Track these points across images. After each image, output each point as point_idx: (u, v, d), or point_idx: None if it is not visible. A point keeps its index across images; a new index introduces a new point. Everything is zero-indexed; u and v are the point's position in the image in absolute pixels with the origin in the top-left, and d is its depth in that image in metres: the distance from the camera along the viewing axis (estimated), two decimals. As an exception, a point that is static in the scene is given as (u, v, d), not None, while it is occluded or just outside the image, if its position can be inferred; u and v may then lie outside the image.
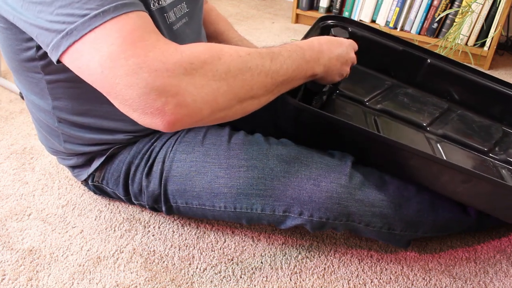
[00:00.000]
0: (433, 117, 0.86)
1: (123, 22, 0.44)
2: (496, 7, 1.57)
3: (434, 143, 0.81)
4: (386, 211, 0.68)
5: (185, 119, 0.46)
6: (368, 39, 0.91)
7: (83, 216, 0.84)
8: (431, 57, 0.90)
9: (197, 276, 0.73)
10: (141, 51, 0.43)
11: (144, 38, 0.44)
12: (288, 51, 0.58)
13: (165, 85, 0.43)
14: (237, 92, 0.49)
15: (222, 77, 0.47)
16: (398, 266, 0.76)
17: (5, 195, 0.88)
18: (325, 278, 0.73)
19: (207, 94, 0.46)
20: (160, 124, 0.45)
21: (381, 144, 0.65)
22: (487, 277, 0.75)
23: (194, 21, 0.73)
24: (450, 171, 0.63)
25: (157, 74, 0.43)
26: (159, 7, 0.62)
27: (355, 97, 0.87)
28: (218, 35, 0.90)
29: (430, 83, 0.93)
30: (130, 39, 0.43)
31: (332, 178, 0.67)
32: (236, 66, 0.49)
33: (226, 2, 2.25)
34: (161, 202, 0.74)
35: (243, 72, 0.49)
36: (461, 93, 0.91)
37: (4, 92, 1.26)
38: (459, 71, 0.89)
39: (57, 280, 0.71)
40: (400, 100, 0.89)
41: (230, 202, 0.70)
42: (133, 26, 0.44)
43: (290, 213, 0.69)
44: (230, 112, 0.52)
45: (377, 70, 0.95)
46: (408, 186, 0.71)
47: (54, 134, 0.74)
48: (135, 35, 0.44)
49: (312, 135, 0.72)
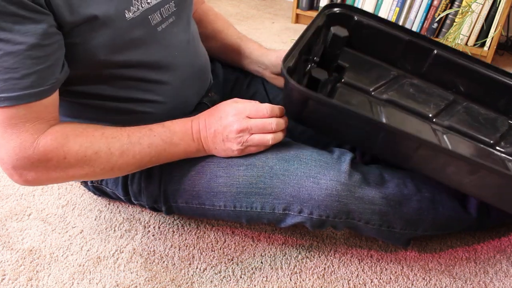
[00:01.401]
0: (439, 109, 0.85)
1: (2, 111, 0.53)
2: (496, 7, 1.57)
3: (441, 134, 0.81)
4: (385, 209, 0.68)
5: (28, 185, 0.61)
6: (374, 28, 0.89)
7: (83, 216, 0.84)
8: (438, 48, 0.88)
9: (197, 276, 0.73)
10: (7, 136, 0.54)
11: (16, 127, 0.54)
12: (152, 136, 0.63)
13: (13, 168, 0.56)
14: (77, 178, 0.62)
15: (63, 171, 0.59)
16: (398, 266, 0.76)
17: (5, 195, 0.88)
18: (325, 278, 0.73)
19: (47, 179, 0.59)
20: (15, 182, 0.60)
21: (388, 133, 0.64)
22: (487, 277, 0.75)
23: (182, 20, 0.73)
24: (457, 162, 0.61)
25: (10, 160, 0.55)
26: (142, 10, 0.62)
27: (361, 87, 0.86)
28: (216, 34, 0.90)
29: (436, 74, 0.91)
30: (5, 124, 0.54)
31: (331, 175, 0.67)
32: (78, 164, 0.59)
33: (226, 2, 2.25)
34: (161, 202, 0.74)
35: (84, 168, 0.59)
36: (468, 85, 0.89)
37: (4, 92, 1.26)
38: (466, 62, 0.87)
39: (57, 280, 0.71)
40: (405, 91, 0.88)
41: (229, 201, 0.70)
42: (10, 115, 0.53)
43: (290, 211, 0.69)
44: (76, 180, 0.65)
45: (383, 60, 0.94)
46: (408, 184, 0.71)
47: None
48: (8, 123, 0.54)
49: (318, 123, 0.70)
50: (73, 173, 0.60)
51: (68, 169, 0.59)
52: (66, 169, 0.59)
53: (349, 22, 0.87)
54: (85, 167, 0.59)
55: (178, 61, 0.71)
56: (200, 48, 0.81)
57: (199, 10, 0.90)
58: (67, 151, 0.57)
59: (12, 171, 0.57)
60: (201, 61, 0.79)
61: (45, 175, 0.58)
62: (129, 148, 0.61)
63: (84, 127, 0.61)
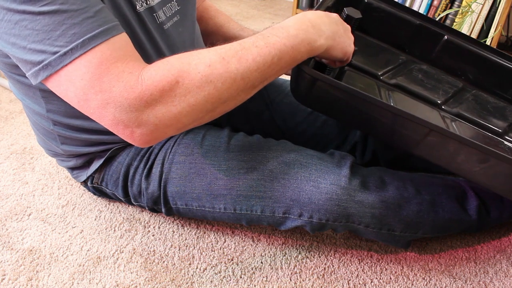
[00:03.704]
0: (448, 96, 0.84)
1: (90, 57, 0.48)
2: (496, 7, 1.57)
3: (449, 121, 0.79)
4: (385, 212, 0.68)
5: (153, 141, 0.52)
6: (384, 10, 0.87)
7: (83, 216, 0.84)
8: (448, 34, 0.86)
9: (197, 276, 0.73)
10: (107, 85, 0.48)
11: (110, 71, 0.48)
12: (266, 37, 0.55)
13: (129, 118, 0.49)
14: (201, 108, 0.52)
15: (182, 100, 0.50)
16: (398, 266, 0.76)
17: (5, 195, 0.88)
18: (325, 278, 0.73)
19: (169, 119, 0.50)
20: (133, 143, 0.52)
21: (398, 117, 0.61)
22: (487, 277, 0.75)
23: (187, 19, 0.73)
24: (468, 149, 0.59)
25: (122, 109, 0.48)
26: (147, 7, 0.62)
27: (369, 70, 0.84)
28: (218, 28, 0.89)
29: (445, 61, 0.89)
30: (98, 74, 0.48)
31: (331, 179, 0.67)
32: (195, 85, 0.50)
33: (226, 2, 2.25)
34: (161, 204, 0.74)
35: (204, 88, 0.50)
36: (477, 72, 0.87)
37: (4, 92, 1.26)
38: (477, 49, 0.86)
39: (57, 280, 0.71)
40: (414, 76, 0.86)
41: (229, 203, 0.70)
42: (100, 59, 0.48)
43: (290, 214, 0.69)
44: (203, 120, 0.54)
45: (391, 44, 0.92)
46: (408, 187, 0.71)
47: (51, 137, 0.74)
48: (101, 69, 0.48)
49: (325, 106, 0.68)
50: (194, 100, 0.50)
51: (187, 95, 0.50)
52: (185, 96, 0.50)
53: (359, 4, 0.85)
54: (205, 86, 0.50)
55: None
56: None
57: (200, 7, 0.90)
58: (176, 73, 0.49)
59: (131, 125, 0.50)
60: None
61: (166, 113, 0.50)
62: (246, 53, 0.53)
63: (184, 53, 0.53)
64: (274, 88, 0.89)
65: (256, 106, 0.88)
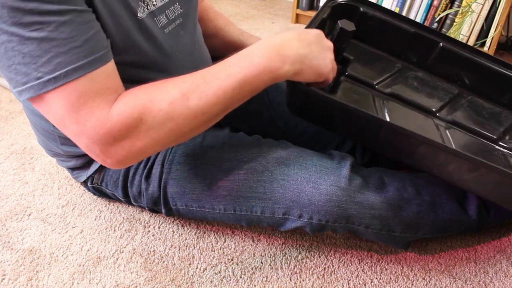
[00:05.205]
0: (443, 103, 0.84)
1: (71, 90, 0.50)
2: (496, 7, 1.57)
3: (443, 129, 0.80)
4: (385, 213, 0.68)
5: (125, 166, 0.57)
6: (379, 19, 0.88)
7: (83, 216, 0.84)
8: (443, 41, 0.88)
9: (197, 276, 0.73)
10: (83, 118, 0.51)
11: (87, 104, 0.51)
12: (228, 67, 0.55)
13: (100, 149, 0.53)
14: (164, 141, 0.55)
15: (146, 135, 0.53)
16: (398, 266, 0.76)
17: (5, 195, 0.88)
18: (325, 278, 0.73)
19: (136, 151, 0.54)
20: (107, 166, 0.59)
21: (389, 130, 0.63)
22: (487, 277, 0.75)
23: (189, 21, 0.73)
24: (458, 160, 0.61)
25: (93, 142, 0.53)
26: (148, 12, 0.62)
27: (364, 80, 0.85)
28: (218, 31, 0.89)
29: (441, 67, 0.90)
30: (76, 107, 0.51)
31: (331, 181, 0.67)
32: (157, 122, 0.53)
33: (226, 2, 2.25)
34: (161, 205, 0.74)
35: (166, 125, 0.54)
36: (473, 78, 0.88)
37: (4, 92, 1.26)
38: (472, 56, 0.87)
39: (57, 280, 0.71)
40: (410, 84, 0.87)
41: (229, 204, 0.70)
42: (80, 93, 0.50)
43: (290, 215, 0.69)
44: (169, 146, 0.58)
45: (388, 52, 0.93)
46: (408, 187, 0.71)
47: (51, 138, 0.74)
48: (80, 103, 0.51)
49: (319, 118, 0.70)
50: (158, 135, 0.54)
51: (150, 131, 0.53)
52: (148, 132, 0.53)
53: (355, 13, 0.86)
54: (166, 123, 0.53)
55: (183, 65, 0.71)
56: (205, 52, 0.80)
57: (199, 8, 0.90)
58: (140, 111, 0.52)
59: (101, 155, 0.54)
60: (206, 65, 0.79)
61: (132, 146, 0.54)
62: (206, 88, 0.54)
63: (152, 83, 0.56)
64: (274, 88, 0.89)
65: (256, 106, 0.87)
